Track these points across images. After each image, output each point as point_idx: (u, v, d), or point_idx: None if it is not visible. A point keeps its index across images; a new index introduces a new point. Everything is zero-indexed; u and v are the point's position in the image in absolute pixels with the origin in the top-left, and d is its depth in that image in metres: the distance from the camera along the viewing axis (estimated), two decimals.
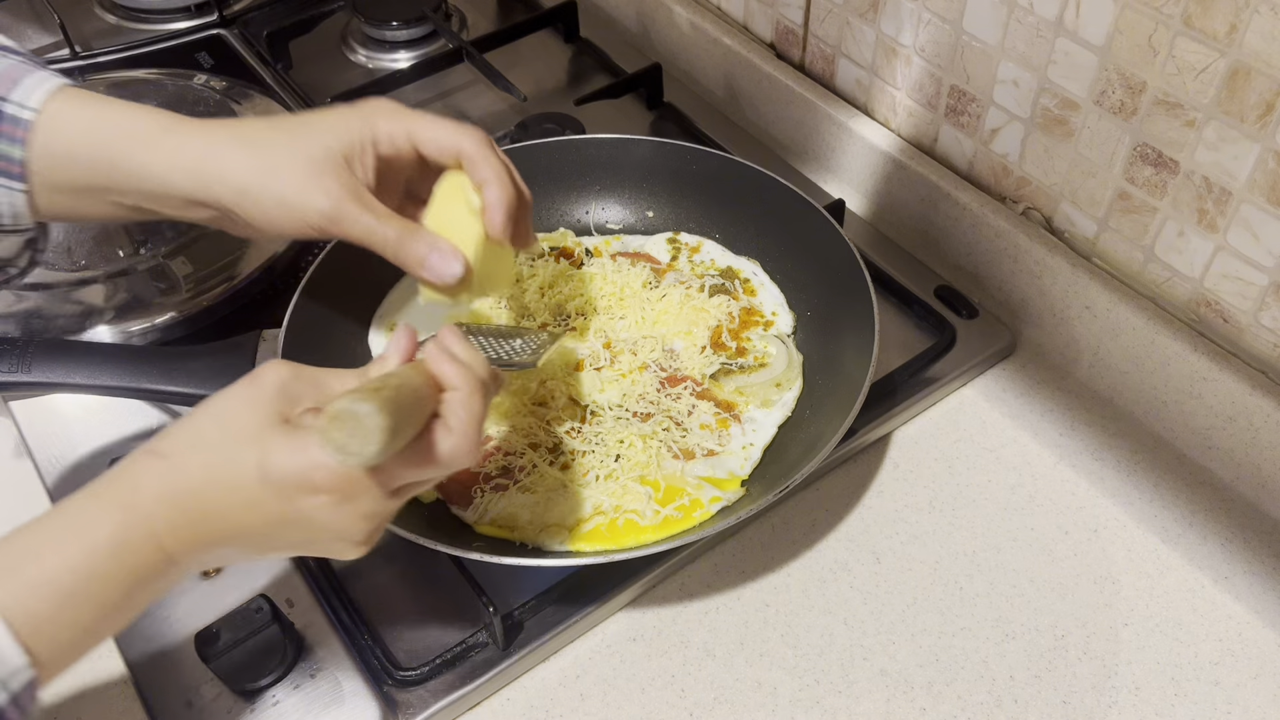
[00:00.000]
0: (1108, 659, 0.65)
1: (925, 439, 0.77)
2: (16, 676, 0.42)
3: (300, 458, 0.47)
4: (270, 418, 0.48)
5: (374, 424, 0.45)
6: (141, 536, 0.46)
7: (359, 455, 0.45)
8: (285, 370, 0.50)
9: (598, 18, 1.17)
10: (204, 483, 0.47)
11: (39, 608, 0.43)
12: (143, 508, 0.46)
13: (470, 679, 0.64)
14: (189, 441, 0.48)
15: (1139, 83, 0.68)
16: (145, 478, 0.47)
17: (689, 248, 0.86)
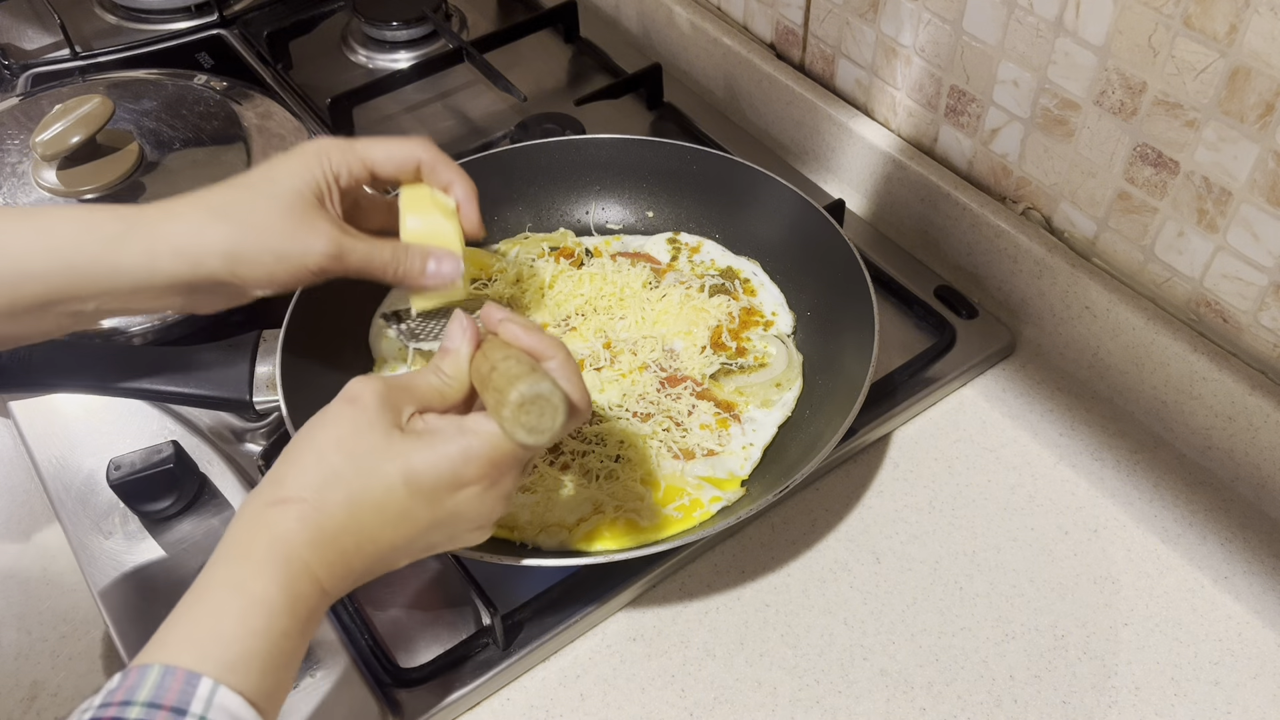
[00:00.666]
0: (1108, 659, 0.65)
1: (925, 439, 0.78)
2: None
3: (446, 458, 0.49)
4: (391, 431, 0.49)
5: (559, 400, 0.48)
6: (306, 586, 0.47)
7: (550, 431, 0.48)
8: (376, 384, 0.51)
9: (598, 18, 1.17)
10: (351, 515, 0.48)
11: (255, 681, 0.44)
12: (299, 559, 0.47)
13: (470, 679, 0.64)
14: (321, 479, 0.48)
15: (1139, 83, 0.68)
16: (289, 527, 0.47)
17: (689, 248, 0.86)
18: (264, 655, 0.45)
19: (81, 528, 0.72)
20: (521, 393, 0.48)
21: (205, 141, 0.93)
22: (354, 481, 0.48)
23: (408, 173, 0.64)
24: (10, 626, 0.69)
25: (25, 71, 1.06)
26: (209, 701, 0.42)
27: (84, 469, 0.76)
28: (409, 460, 0.49)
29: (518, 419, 0.48)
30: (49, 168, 0.86)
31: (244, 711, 0.42)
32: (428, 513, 0.50)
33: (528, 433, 0.48)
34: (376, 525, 0.49)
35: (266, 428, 0.78)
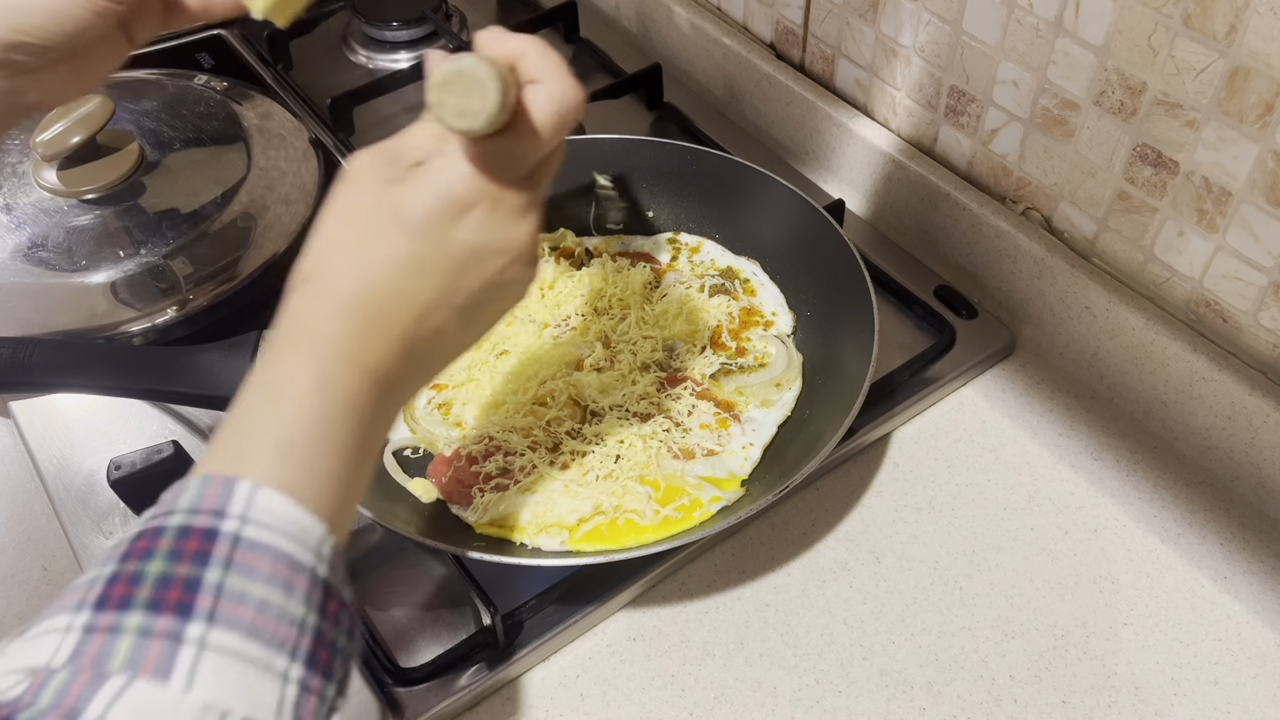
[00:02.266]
0: (1107, 659, 0.65)
1: (925, 439, 0.78)
2: (324, 545, 0.40)
3: (432, 186, 0.45)
4: (382, 185, 0.46)
5: (485, 74, 0.43)
6: (333, 361, 0.43)
7: (483, 112, 0.43)
8: (365, 153, 0.47)
9: (598, 18, 1.17)
10: (361, 278, 0.44)
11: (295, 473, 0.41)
12: (318, 333, 0.44)
13: (470, 679, 0.64)
14: (324, 252, 0.46)
15: (1139, 83, 0.68)
16: (304, 306, 0.45)
17: (689, 248, 0.86)
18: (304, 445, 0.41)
19: (81, 528, 0.72)
20: (442, 70, 0.43)
21: (205, 141, 0.93)
22: (354, 243, 0.45)
23: None
24: (10, 627, 0.69)
25: None
26: (249, 501, 0.39)
27: (84, 469, 0.76)
28: (399, 202, 0.45)
29: (443, 103, 0.43)
30: (49, 168, 0.86)
31: (290, 510, 0.40)
32: (439, 253, 0.45)
33: (456, 117, 0.43)
34: (393, 281, 0.45)
35: None
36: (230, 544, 0.38)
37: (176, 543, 0.38)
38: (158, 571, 0.37)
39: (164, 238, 0.85)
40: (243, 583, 0.37)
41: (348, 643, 0.41)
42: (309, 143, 0.96)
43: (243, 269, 0.85)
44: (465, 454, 0.71)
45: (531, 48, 0.48)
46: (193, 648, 0.36)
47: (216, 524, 0.38)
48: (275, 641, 0.37)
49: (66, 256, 0.84)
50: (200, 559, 0.37)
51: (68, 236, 0.84)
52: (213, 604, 0.36)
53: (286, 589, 0.38)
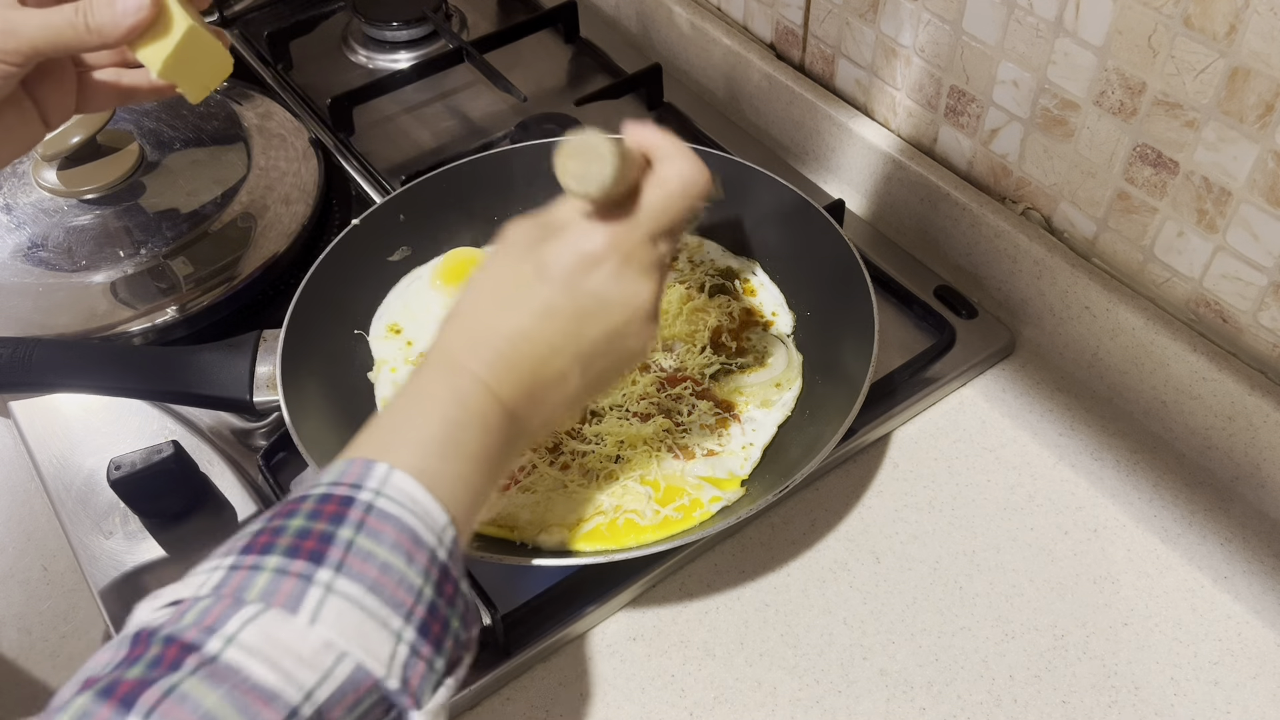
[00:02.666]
0: (1107, 659, 0.65)
1: (925, 439, 0.78)
2: (446, 532, 0.45)
3: (568, 240, 0.51)
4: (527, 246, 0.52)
5: (605, 146, 0.49)
6: (469, 383, 0.48)
7: (599, 178, 0.49)
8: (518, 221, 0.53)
9: (598, 18, 1.17)
10: (498, 315, 0.50)
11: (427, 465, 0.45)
12: (457, 360, 0.49)
13: (470, 679, 0.64)
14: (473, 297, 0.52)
15: (1139, 83, 0.68)
16: (449, 338, 0.51)
17: (689, 248, 0.86)
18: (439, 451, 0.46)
19: (81, 528, 0.72)
20: (571, 141, 0.49)
21: (205, 141, 0.93)
22: (497, 290, 0.51)
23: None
24: (10, 626, 0.69)
25: None
26: (385, 480, 0.44)
27: (84, 469, 0.76)
28: (541, 257, 0.51)
29: (565, 167, 0.49)
30: (49, 168, 0.86)
31: (420, 494, 0.44)
32: (569, 300, 0.50)
33: (575, 181, 0.49)
34: (525, 321, 0.50)
35: (266, 428, 0.78)
36: (364, 510, 0.43)
37: (317, 505, 0.43)
38: (298, 526, 0.42)
39: (164, 238, 0.85)
40: (370, 544, 0.42)
41: (461, 627, 0.45)
42: (309, 143, 0.96)
43: (243, 269, 0.85)
44: None
45: (665, 140, 0.54)
46: (320, 589, 0.40)
47: (354, 493, 0.43)
48: (394, 602, 0.41)
49: (66, 256, 0.84)
50: (336, 519, 0.42)
51: (68, 236, 0.84)
52: (342, 556, 0.41)
53: (409, 559, 0.42)
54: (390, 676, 0.40)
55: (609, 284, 0.51)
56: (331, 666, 0.39)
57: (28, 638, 0.68)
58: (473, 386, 0.48)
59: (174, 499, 0.72)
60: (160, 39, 0.57)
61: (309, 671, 0.38)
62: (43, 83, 0.61)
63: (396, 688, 0.41)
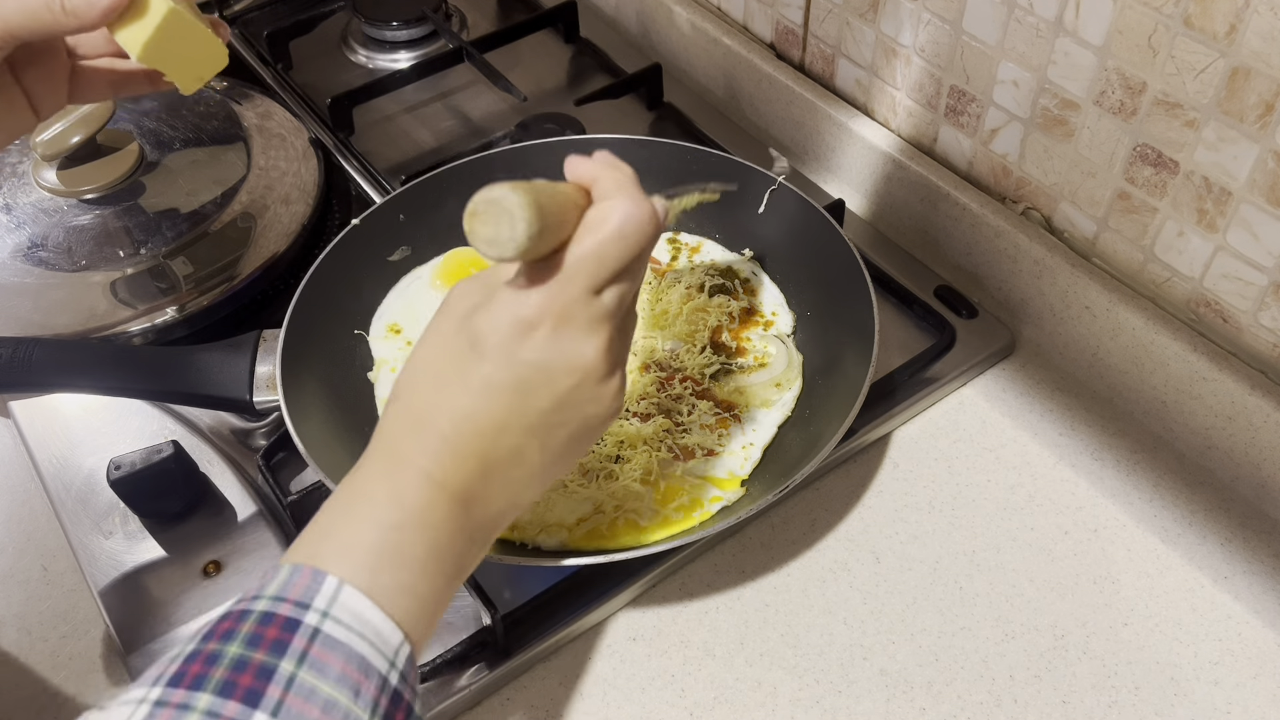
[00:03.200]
0: (1108, 659, 0.65)
1: (925, 439, 0.78)
2: (400, 653, 0.41)
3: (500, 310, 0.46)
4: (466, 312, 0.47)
5: (514, 201, 0.43)
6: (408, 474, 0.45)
7: (511, 241, 0.43)
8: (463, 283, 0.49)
9: (598, 18, 1.17)
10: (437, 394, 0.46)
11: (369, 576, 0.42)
12: (396, 448, 0.46)
13: (470, 679, 0.64)
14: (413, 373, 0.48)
15: (1139, 83, 0.68)
16: (390, 422, 0.47)
17: (689, 248, 0.86)
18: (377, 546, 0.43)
19: (81, 528, 0.72)
20: (475, 200, 0.44)
21: (205, 141, 0.93)
22: (435, 366, 0.47)
23: None
24: (10, 626, 0.69)
25: None
26: (333, 598, 0.40)
27: (84, 469, 0.76)
28: (475, 328, 0.46)
29: (475, 232, 0.44)
30: (49, 168, 0.86)
31: (372, 614, 0.41)
32: (507, 373, 0.46)
33: (487, 245, 0.44)
34: (464, 401, 0.46)
35: (266, 428, 0.78)
36: (309, 637, 0.39)
37: (258, 627, 0.39)
38: (235, 655, 0.38)
39: (164, 238, 0.85)
40: (314, 679, 0.38)
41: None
42: (309, 142, 0.96)
43: (242, 269, 0.85)
44: None
45: (606, 172, 0.49)
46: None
47: (299, 615, 0.39)
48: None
49: (66, 256, 0.84)
50: (278, 648, 0.38)
51: (68, 236, 0.84)
52: (281, 696, 0.37)
53: (355, 692, 0.39)
54: None
55: (547, 350, 0.46)
56: None
57: (27, 638, 0.68)
58: (412, 478, 0.45)
59: (174, 499, 0.72)
60: (139, 21, 0.55)
61: None
62: (31, 70, 0.60)
63: None
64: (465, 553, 0.46)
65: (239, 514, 0.72)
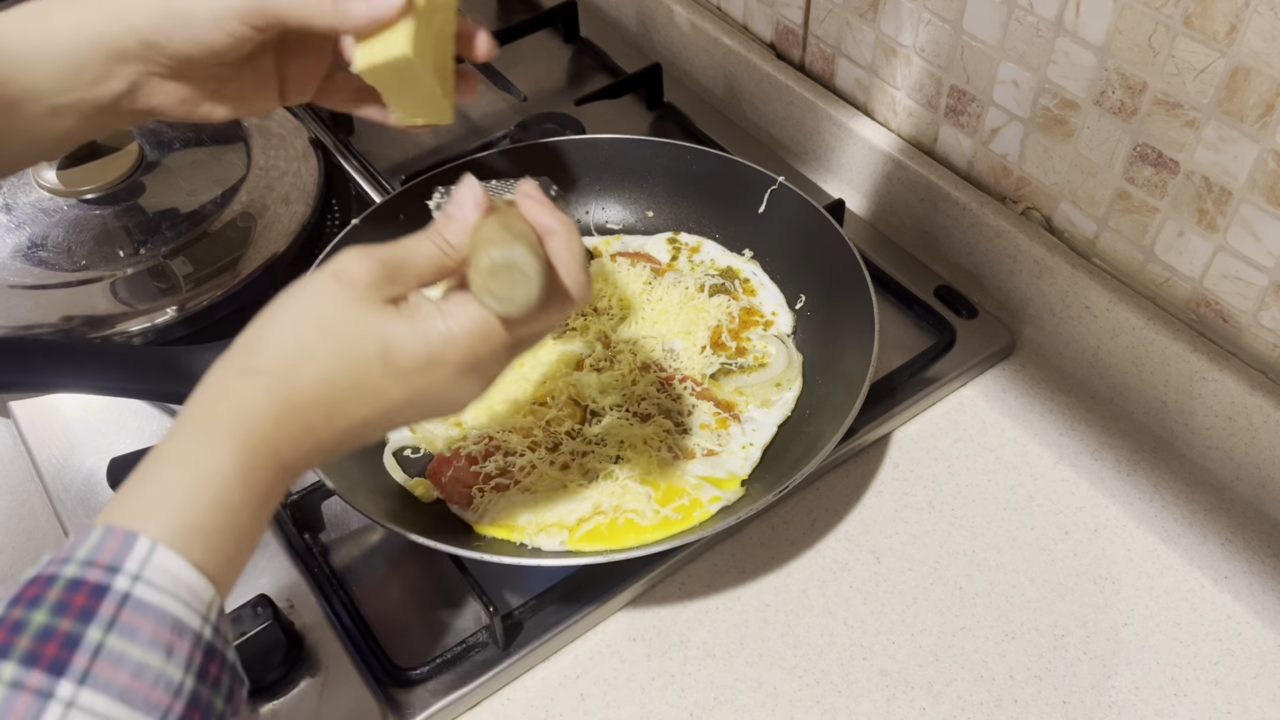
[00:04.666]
0: (1108, 659, 0.65)
1: (925, 439, 0.78)
2: (213, 606, 0.42)
3: (425, 340, 0.47)
4: (374, 308, 0.47)
5: (533, 269, 0.46)
6: (263, 460, 0.45)
7: (523, 302, 0.47)
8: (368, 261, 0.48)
9: (598, 18, 1.17)
10: (321, 391, 0.46)
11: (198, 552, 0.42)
12: (259, 432, 0.45)
13: (470, 679, 0.64)
14: (293, 352, 0.46)
15: (1139, 83, 0.68)
16: (255, 400, 0.45)
17: (689, 248, 0.86)
18: (213, 528, 0.43)
19: (81, 528, 0.72)
20: (492, 258, 0.46)
21: (205, 141, 0.93)
22: (329, 358, 0.46)
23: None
24: None
25: None
26: (145, 561, 0.40)
27: (84, 469, 0.76)
28: (389, 340, 0.47)
29: (487, 286, 0.47)
30: (49, 168, 0.86)
31: (185, 572, 0.41)
32: (400, 391, 0.48)
33: (496, 301, 0.47)
34: (348, 401, 0.47)
35: None
36: (118, 603, 0.39)
37: (65, 594, 0.39)
38: (41, 624, 0.38)
39: (164, 237, 0.85)
40: (123, 645, 0.38)
41: (226, 706, 0.42)
42: (308, 142, 0.96)
43: (242, 269, 0.85)
44: (465, 454, 0.71)
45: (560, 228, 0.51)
46: (60, 706, 0.36)
47: (109, 580, 0.39)
48: (148, 706, 0.38)
49: (66, 256, 0.84)
50: (85, 615, 0.38)
51: (68, 236, 0.84)
52: (88, 664, 0.37)
53: (168, 652, 0.39)
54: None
55: (449, 387, 0.49)
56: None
57: None
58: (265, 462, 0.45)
59: None
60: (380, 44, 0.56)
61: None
62: (296, 59, 0.61)
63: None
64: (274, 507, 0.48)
65: None
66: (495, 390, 0.74)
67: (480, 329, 0.48)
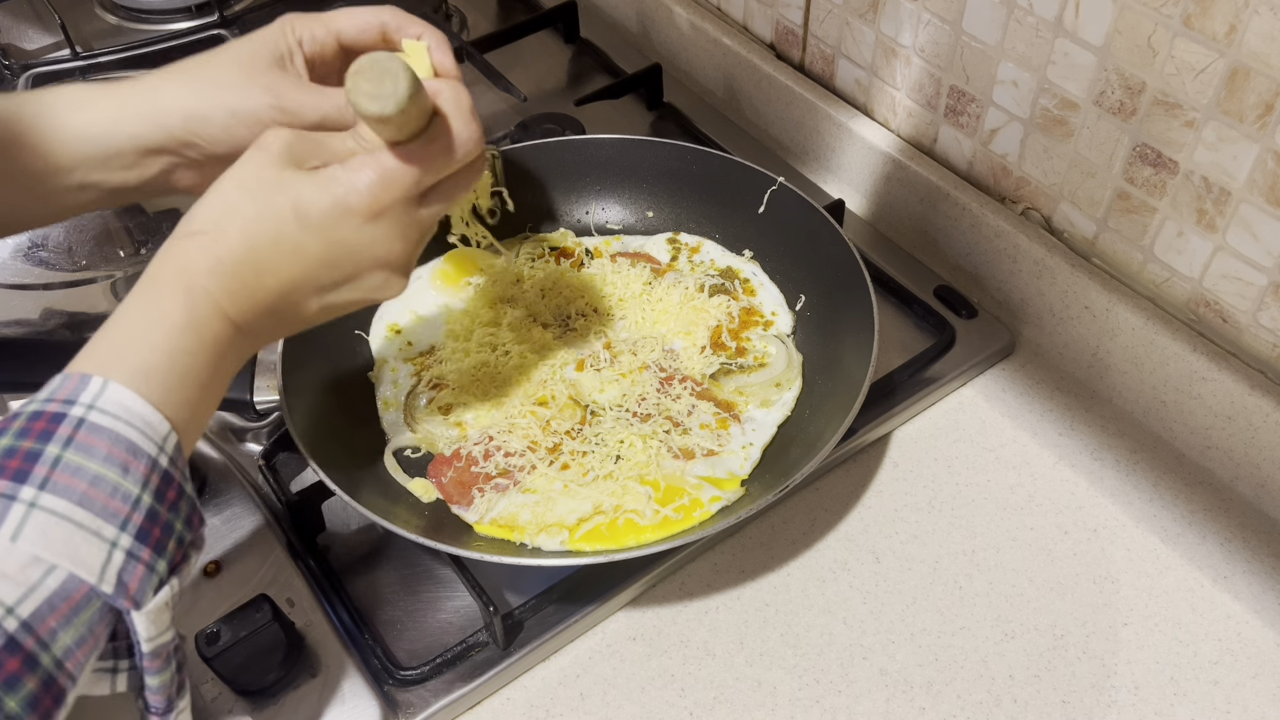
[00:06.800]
0: (1107, 659, 0.65)
1: (925, 439, 0.78)
2: (169, 440, 0.46)
3: (330, 189, 0.51)
4: (286, 169, 0.51)
5: (397, 65, 0.49)
6: (207, 310, 0.49)
7: (393, 96, 0.48)
8: (286, 133, 0.52)
9: (598, 18, 1.17)
10: (247, 246, 0.50)
11: (155, 389, 0.46)
12: (199, 284, 0.49)
13: (470, 679, 0.64)
14: (220, 213, 0.51)
15: (1138, 83, 0.68)
16: (192, 257, 0.50)
17: (689, 248, 0.86)
18: (167, 369, 0.47)
19: None
20: (360, 60, 0.49)
21: None
22: (249, 214, 0.50)
23: (372, 35, 0.64)
24: None
25: (25, 71, 1.06)
26: (99, 394, 0.45)
27: None
28: (299, 193, 0.51)
29: (357, 87, 0.49)
30: None
31: (138, 405, 0.45)
32: (319, 246, 0.51)
33: (369, 100, 0.49)
34: (272, 256, 0.51)
35: (267, 428, 0.78)
36: (74, 426, 0.44)
37: (27, 423, 0.44)
38: (4, 445, 0.43)
39: (164, 237, 0.85)
40: (80, 459, 0.43)
41: (185, 529, 0.46)
42: None
43: None
44: (465, 454, 0.71)
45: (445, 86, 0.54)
46: (23, 507, 0.41)
47: (65, 409, 0.44)
48: (106, 512, 0.43)
49: (66, 256, 0.84)
50: (44, 436, 0.43)
51: (68, 236, 0.85)
52: (48, 473, 0.42)
53: (124, 469, 0.44)
54: (104, 582, 0.42)
55: (360, 237, 0.52)
56: (39, 580, 0.41)
57: None
58: (209, 313, 0.49)
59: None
60: None
61: (11, 586, 0.40)
62: None
63: (111, 592, 0.42)
64: (232, 370, 0.52)
65: (239, 514, 0.72)
66: (495, 390, 0.74)
67: (380, 174, 0.51)
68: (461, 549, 0.63)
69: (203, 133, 0.59)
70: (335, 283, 0.53)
